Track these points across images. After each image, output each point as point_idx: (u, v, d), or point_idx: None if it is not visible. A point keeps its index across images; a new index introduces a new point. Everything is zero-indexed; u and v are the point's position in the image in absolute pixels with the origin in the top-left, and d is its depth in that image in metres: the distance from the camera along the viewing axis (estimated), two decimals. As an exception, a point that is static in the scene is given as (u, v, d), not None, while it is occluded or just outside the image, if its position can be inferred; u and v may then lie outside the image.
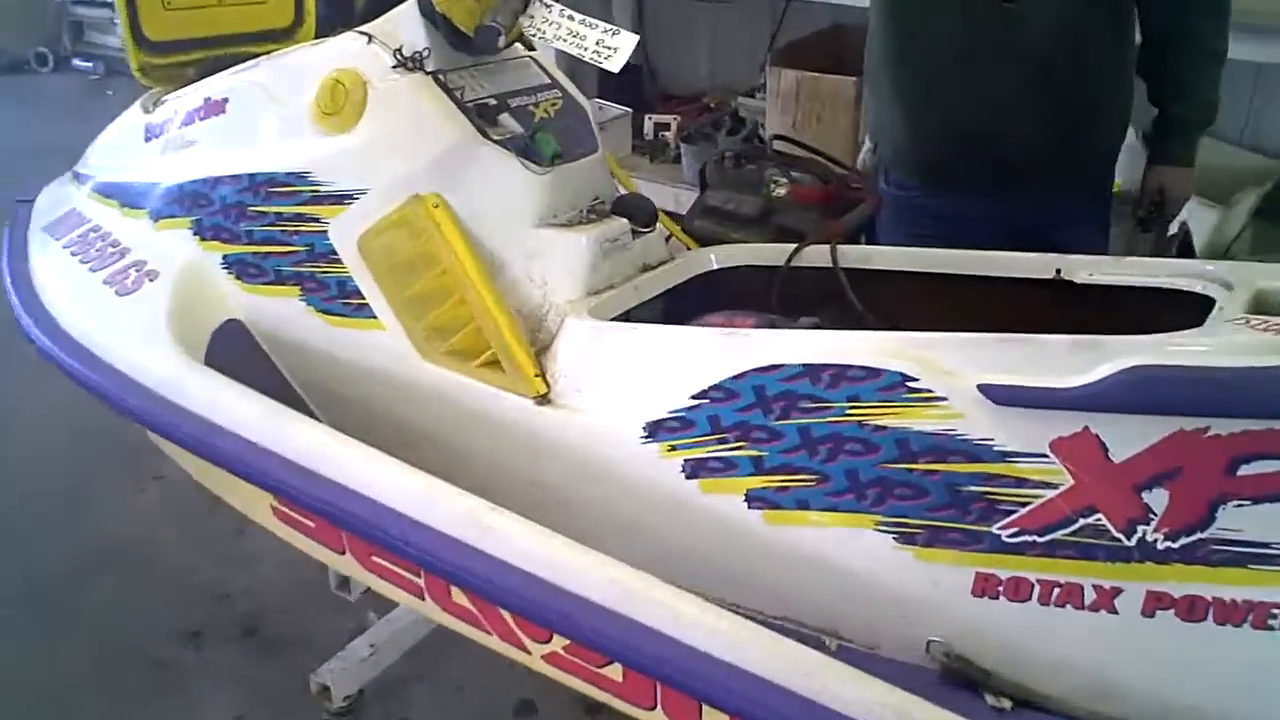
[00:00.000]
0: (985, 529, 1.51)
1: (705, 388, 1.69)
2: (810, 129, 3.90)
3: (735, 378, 1.67)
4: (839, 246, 2.13)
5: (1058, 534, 1.47)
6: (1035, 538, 1.49)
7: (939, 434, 1.53)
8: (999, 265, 2.01)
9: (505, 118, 2.01)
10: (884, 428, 1.57)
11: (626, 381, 1.80)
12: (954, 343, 1.58)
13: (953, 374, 1.54)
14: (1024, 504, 1.49)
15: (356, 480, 1.66)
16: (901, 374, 1.56)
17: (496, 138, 1.95)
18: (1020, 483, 1.49)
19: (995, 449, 1.50)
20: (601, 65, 1.98)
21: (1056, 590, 1.48)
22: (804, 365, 1.62)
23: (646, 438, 1.74)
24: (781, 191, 2.45)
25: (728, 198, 2.47)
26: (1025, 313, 1.78)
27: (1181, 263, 1.89)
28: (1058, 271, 1.94)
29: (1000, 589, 1.51)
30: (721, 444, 1.68)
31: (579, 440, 1.81)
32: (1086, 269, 1.91)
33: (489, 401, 1.89)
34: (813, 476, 1.62)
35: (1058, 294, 1.94)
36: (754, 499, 1.67)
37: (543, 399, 1.84)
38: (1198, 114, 2.44)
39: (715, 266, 2.20)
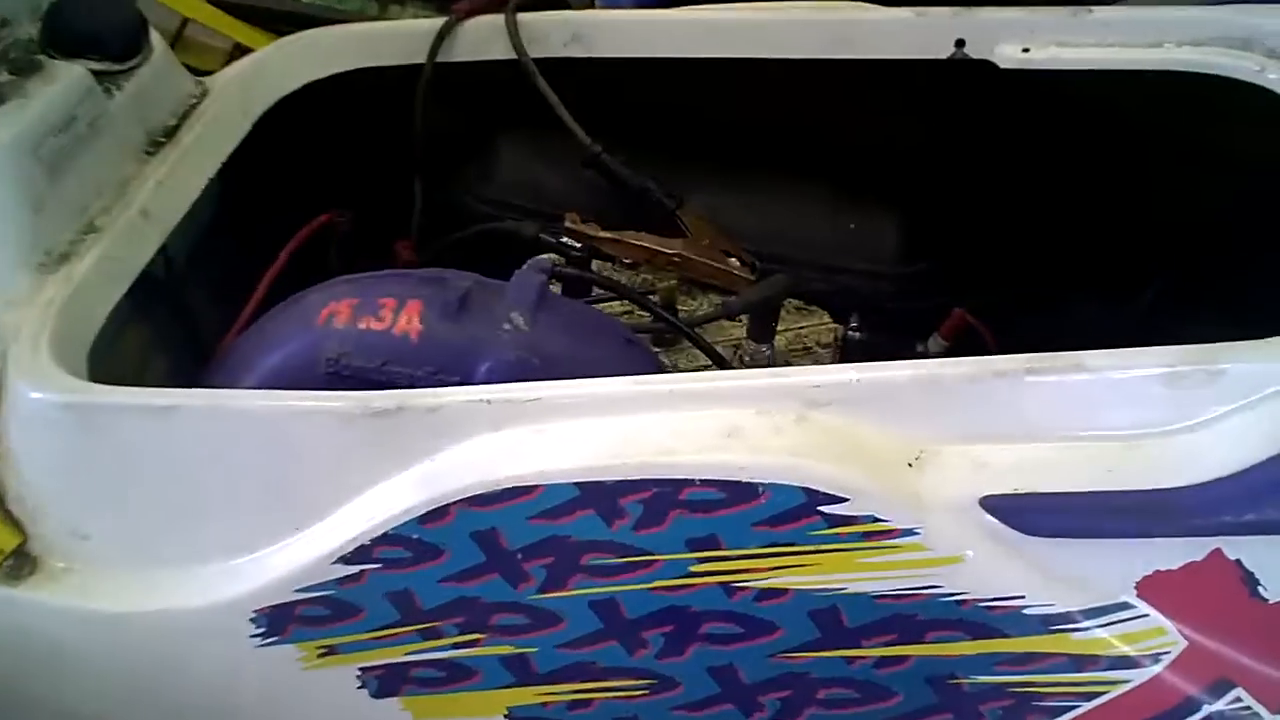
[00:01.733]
0: (1011, 741, 0.75)
1: (357, 544, 0.77)
2: None
3: (424, 520, 0.75)
4: (537, 14, 1.12)
5: (1156, 736, 0.74)
6: (1111, 744, 0.75)
7: (907, 596, 0.72)
8: (844, 38, 1.07)
9: None
10: (780, 591, 0.73)
11: (180, 518, 0.83)
12: (909, 387, 0.71)
13: (921, 469, 0.70)
14: (1088, 696, 0.73)
15: None
16: (807, 490, 0.70)
17: None
18: (1079, 663, 0.72)
19: (1025, 613, 0.71)
20: None
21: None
22: (579, 486, 0.72)
23: (265, 636, 0.81)
24: None
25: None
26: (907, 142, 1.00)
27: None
28: (959, 44, 1.03)
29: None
30: (430, 639, 0.79)
31: (121, 646, 0.86)
32: (1019, 36, 1.00)
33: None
34: (640, 682, 0.78)
35: (971, 96, 1.06)
36: (525, 722, 0.82)
37: (16, 566, 0.85)
38: None
39: (302, 84, 1.14)
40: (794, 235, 1.13)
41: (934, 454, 0.71)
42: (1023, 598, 0.70)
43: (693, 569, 0.73)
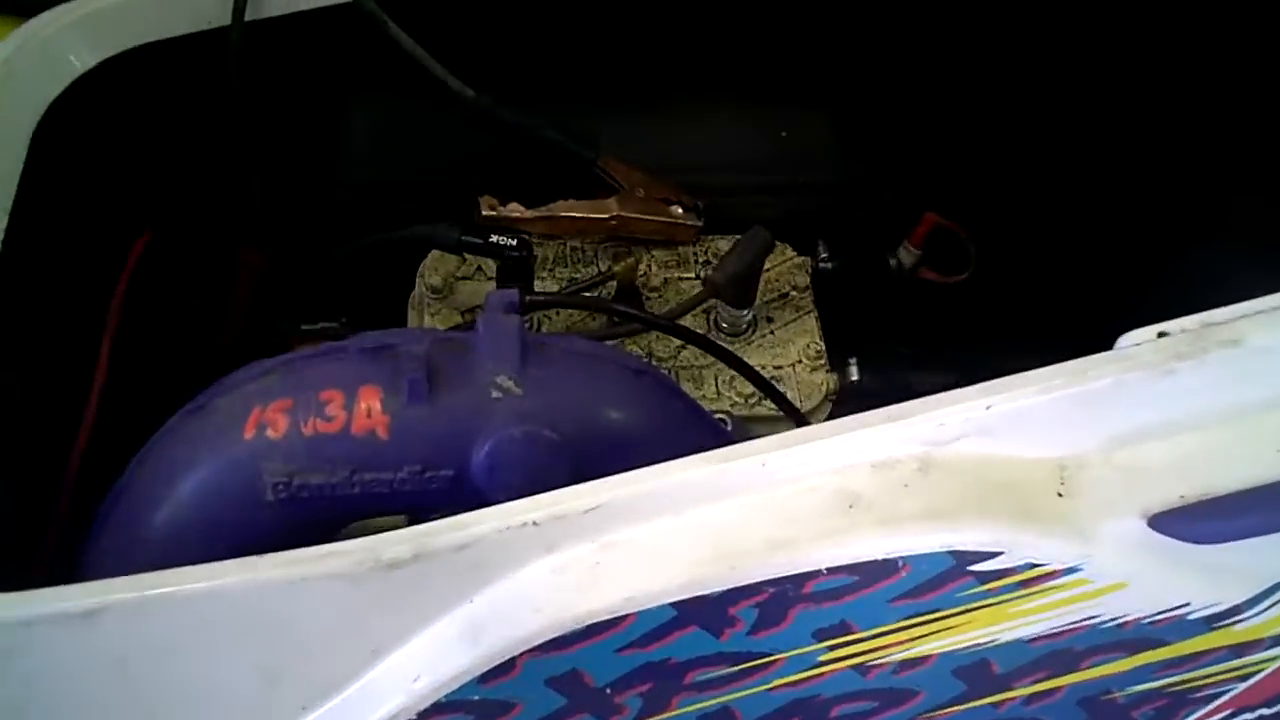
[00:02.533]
0: (1161, 732, 0.69)
1: (402, 718, 0.61)
2: None
3: (484, 679, 0.60)
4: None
5: (1309, 695, 0.69)
6: (1262, 711, 0.70)
7: (1064, 632, 0.62)
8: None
9: None
10: (923, 659, 0.63)
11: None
12: (1041, 400, 0.60)
13: (1070, 504, 0.59)
14: (1244, 677, 0.68)
15: None
16: (955, 553, 0.58)
17: None
18: (1238, 651, 0.66)
19: (1189, 619, 0.63)
20: None
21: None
22: (677, 606, 0.58)
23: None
24: None
25: None
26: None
27: None
28: None
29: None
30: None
31: None
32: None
33: None
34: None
35: None
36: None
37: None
38: None
39: (77, 75, 0.90)
40: (727, 159, 0.98)
41: (1081, 470, 0.61)
42: (1188, 605, 0.63)
43: (821, 659, 0.62)
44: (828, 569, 0.58)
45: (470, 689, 0.60)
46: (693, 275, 0.94)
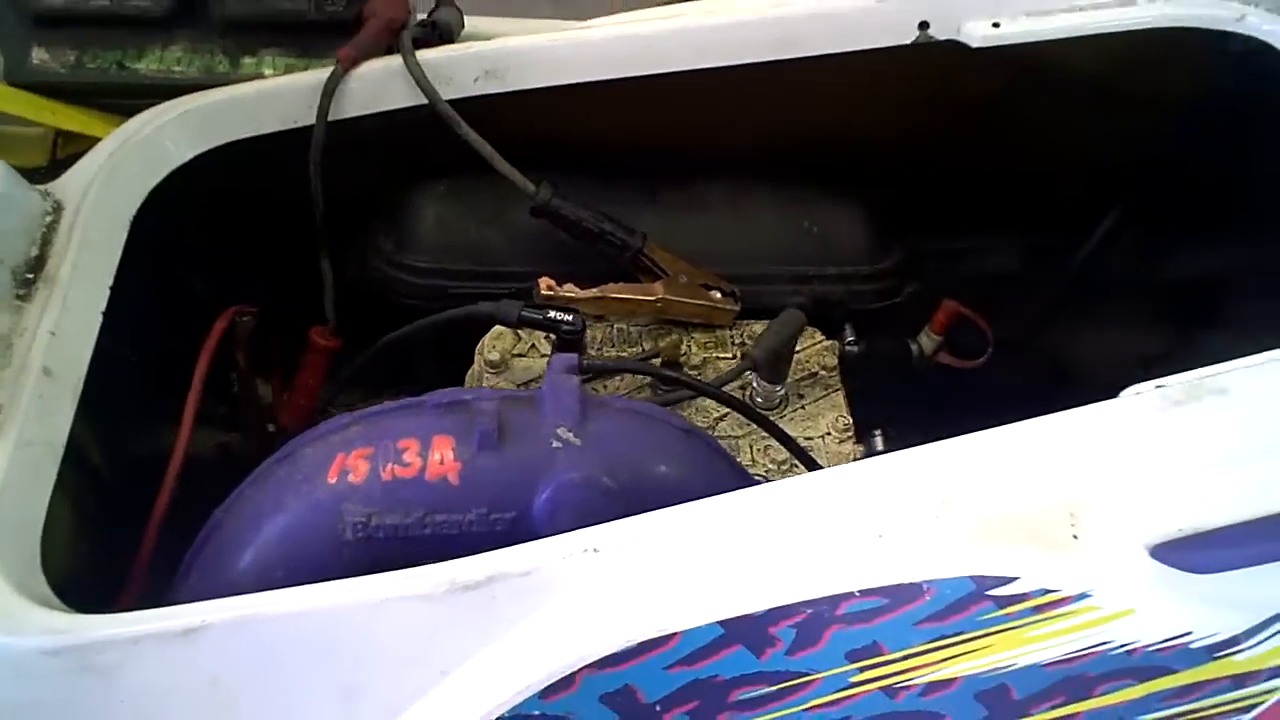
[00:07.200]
0: (1172, 763, 0.74)
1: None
2: None
3: (544, 694, 0.66)
4: (436, 50, 1.00)
5: (1309, 729, 0.74)
6: (1271, 746, 0.74)
7: (1078, 658, 0.68)
8: (790, 39, 0.99)
9: None
10: (948, 682, 0.68)
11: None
12: (1053, 445, 0.67)
13: (1080, 529, 0.66)
14: (1247, 709, 0.72)
15: None
16: (975, 579, 0.64)
17: None
18: (1239, 681, 0.71)
19: (1192, 648, 0.69)
20: None
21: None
22: (722, 624, 0.65)
23: None
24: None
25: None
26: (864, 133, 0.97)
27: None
28: (923, 27, 0.98)
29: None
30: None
31: None
32: (986, 10, 0.96)
33: None
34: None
35: (937, 81, 1.01)
36: None
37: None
38: None
39: (172, 169, 0.99)
40: (759, 250, 1.06)
41: (1089, 510, 0.67)
42: (1190, 634, 0.68)
43: (853, 680, 0.67)
44: (860, 591, 0.64)
45: (532, 704, 0.66)
46: (730, 355, 1.02)
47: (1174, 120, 1.04)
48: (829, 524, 0.66)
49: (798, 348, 0.99)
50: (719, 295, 1.01)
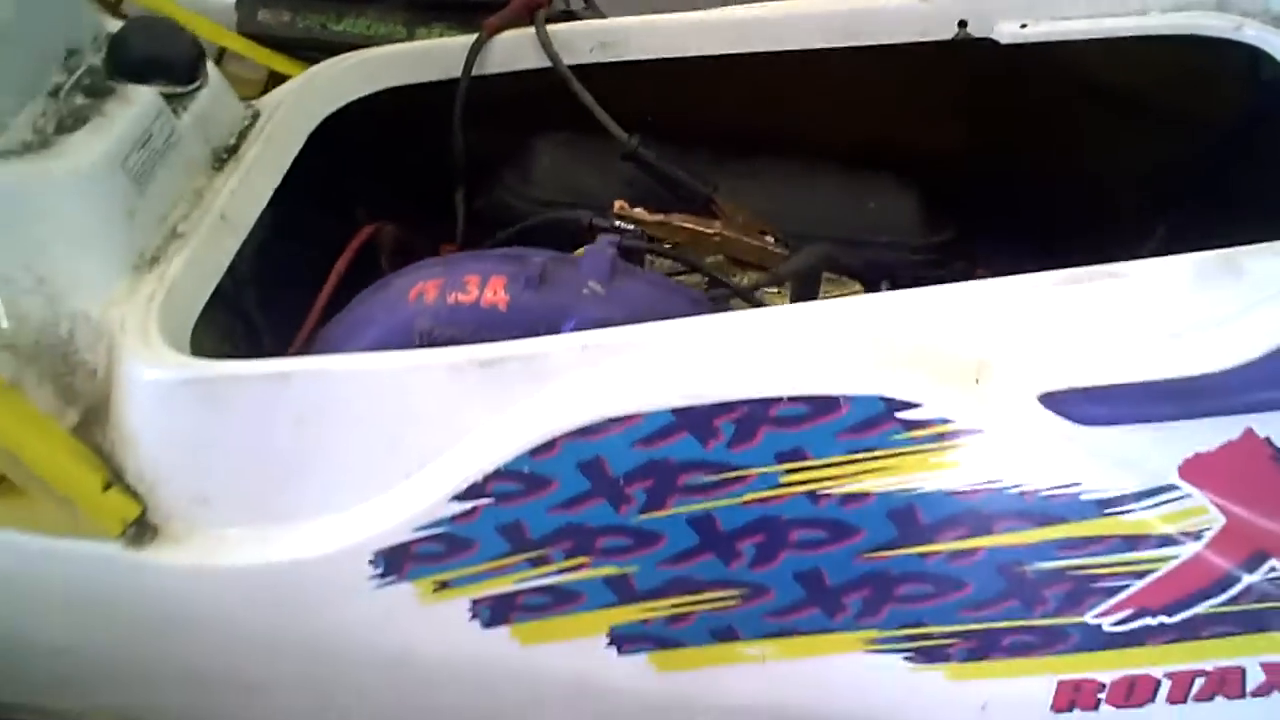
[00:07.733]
0: (1072, 621, 0.84)
1: (471, 481, 0.84)
2: None
3: (533, 454, 0.83)
4: (563, 24, 1.22)
5: (1201, 607, 0.82)
6: (1162, 619, 0.83)
7: (973, 492, 0.80)
8: (852, 29, 1.17)
9: None
10: (862, 495, 0.81)
11: (298, 476, 0.90)
12: (966, 306, 0.81)
13: (983, 379, 0.79)
14: (1140, 574, 0.82)
15: None
16: (885, 399, 0.78)
17: None
18: (1131, 543, 0.81)
19: (1082, 499, 0.80)
20: None
21: (1201, 681, 0.85)
22: (675, 411, 0.80)
23: (384, 576, 0.88)
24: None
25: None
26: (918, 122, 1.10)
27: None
28: (962, 25, 1.14)
29: (1102, 696, 0.87)
30: (538, 566, 0.87)
31: (245, 599, 0.92)
32: (1018, 12, 1.12)
33: (34, 562, 0.94)
34: (734, 591, 0.86)
35: (977, 73, 1.17)
36: (627, 640, 0.89)
37: (138, 533, 0.91)
38: None
39: (346, 102, 1.22)
40: (817, 215, 1.22)
41: (994, 362, 0.80)
42: (1079, 485, 0.79)
43: (782, 480, 0.81)
44: (788, 398, 0.79)
45: (522, 461, 0.83)
46: (775, 291, 1.17)
47: (1203, 134, 1.15)
48: (768, 343, 0.82)
49: (835, 294, 1.14)
50: (772, 240, 1.17)
